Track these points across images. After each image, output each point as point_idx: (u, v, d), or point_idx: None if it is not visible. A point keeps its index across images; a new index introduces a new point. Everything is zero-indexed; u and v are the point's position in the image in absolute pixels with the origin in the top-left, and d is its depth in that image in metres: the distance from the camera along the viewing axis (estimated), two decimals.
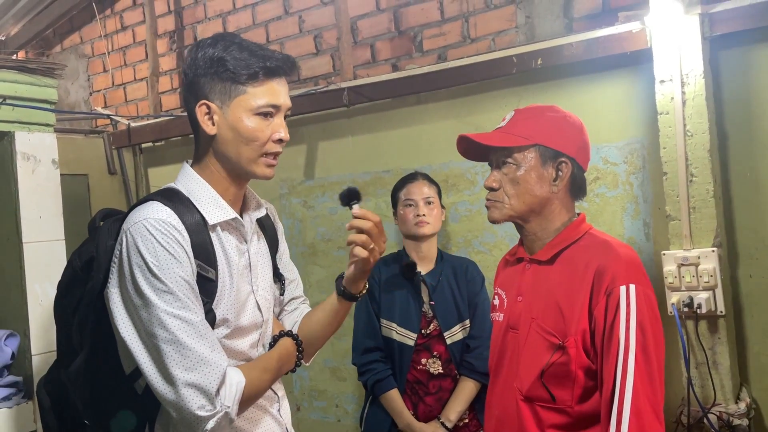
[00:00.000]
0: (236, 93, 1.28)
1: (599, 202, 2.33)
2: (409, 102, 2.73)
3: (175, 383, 1.17)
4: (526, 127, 1.49)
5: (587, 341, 1.37)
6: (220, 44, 1.29)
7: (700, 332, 2.04)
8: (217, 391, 1.18)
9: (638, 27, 2.15)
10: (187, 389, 1.16)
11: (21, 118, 2.41)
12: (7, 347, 2.36)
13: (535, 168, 1.46)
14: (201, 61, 1.29)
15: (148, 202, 1.27)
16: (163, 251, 1.20)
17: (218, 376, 1.18)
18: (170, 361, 1.17)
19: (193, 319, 1.19)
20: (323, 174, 2.98)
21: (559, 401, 1.39)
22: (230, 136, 1.29)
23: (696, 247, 2.04)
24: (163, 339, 1.17)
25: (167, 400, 1.18)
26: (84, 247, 1.36)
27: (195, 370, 1.17)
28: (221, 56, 1.27)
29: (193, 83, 1.30)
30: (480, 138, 1.51)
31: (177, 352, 1.17)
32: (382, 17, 2.99)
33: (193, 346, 1.17)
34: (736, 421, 1.99)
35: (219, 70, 1.27)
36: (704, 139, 2.03)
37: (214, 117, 1.29)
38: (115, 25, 3.99)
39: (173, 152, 3.43)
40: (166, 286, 1.19)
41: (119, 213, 1.38)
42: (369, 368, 2.29)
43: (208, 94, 1.28)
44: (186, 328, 1.18)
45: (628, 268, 1.37)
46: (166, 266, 1.19)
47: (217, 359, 1.19)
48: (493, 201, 1.51)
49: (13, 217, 2.39)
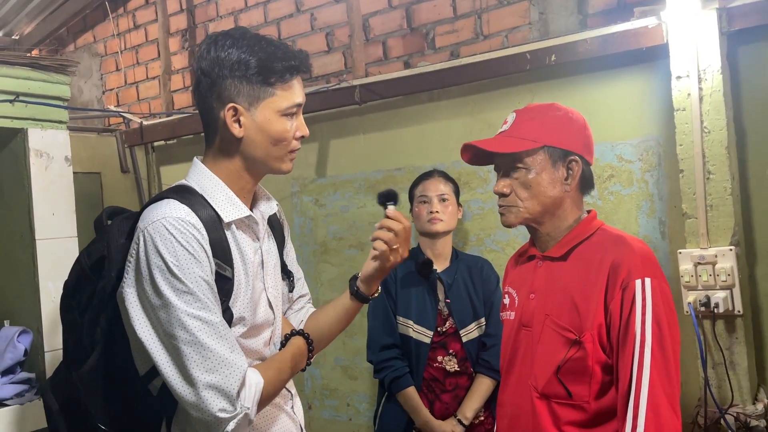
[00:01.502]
0: (265, 95, 1.27)
1: (614, 200, 2.30)
2: (421, 99, 2.71)
3: (195, 385, 1.16)
4: (531, 128, 1.46)
5: (603, 336, 1.36)
6: (242, 43, 1.26)
7: (717, 332, 2.01)
8: (238, 392, 1.17)
9: (654, 22, 2.13)
10: (208, 391, 1.15)
11: (34, 115, 2.42)
12: (20, 344, 2.37)
13: (546, 169, 1.44)
14: (225, 62, 1.26)
15: (163, 200, 1.25)
16: (183, 251, 1.18)
17: (239, 377, 1.18)
18: (191, 363, 1.16)
19: (213, 319, 1.18)
20: (335, 172, 2.98)
21: (575, 397, 1.38)
22: (259, 138, 1.28)
23: (713, 246, 2.02)
24: (183, 340, 1.16)
25: (188, 401, 1.17)
26: (93, 246, 1.34)
27: (216, 371, 1.16)
28: (247, 59, 1.25)
29: (217, 84, 1.27)
30: (486, 145, 1.48)
31: (197, 353, 1.16)
32: (394, 14, 2.98)
33: (213, 347, 1.16)
34: (753, 422, 1.96)
35: (247, 73, 1.25)
36: (722, 135, 2.00)
37: (241, 119, 1.27)
38: (128, 23, 4.01)
39: (185, 150, 3.44)
40: (186, 287, 1.17)
41: (126, 211, 1.36)
42: (387, 365, 2.28)
43: (235, 96, 1.26)
44: (206, 329, 1.17)
45: (643, 262, 1.36)
46: (186, 266, 1.18)
47: (237, 360, 1.19)
48: (506, 206, 1.49)
49: (26, 214, 2.40)
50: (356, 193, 2.91)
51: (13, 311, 2.49)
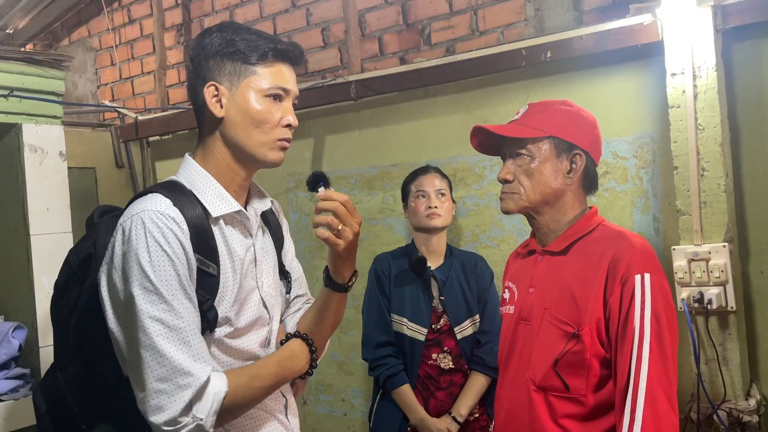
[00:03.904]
0: (246, 73, 1.24)
1: (608, 196, 2.31)
2: (417, 95, 2.71)
3: (145, 391, 1.12)
4: (540, 119, 1.49)
5: (602, 330, 1.37)
6: (229, 28, 1.27)
7: (711, 328, 2.02)
8: (190, 403, 1.12)
9: (650, 19, 2.13)
10: (156, 399, 1.11)
11: (28, 110, 2.41)
12: (14, 339, 2.36)
13: (550, 159, 1.46)
14: (209, 45, 1.26)
15: (148, 194, 1.22)
16: (157, 247, 1.14)
17: (193, 388, 1.12)
18: (145, 368, 1.12)
19: (177, 324, 1.13)
20: (330, 168, 2.97)
21: (573, 390, 1.39)
22: (239, 119, 1.25)
23: (707, 242, 2.02)
24: (141, 343, 1.12)
25: (139, 406, 1.14)
26: (81, 244, 1.31)
27: (168, 380, 1.11)
28: (231, 38, 1.24)
29: (201, 66, 1.26)
30: (495, 129, 1.51)
31: (153, 359, 1.11)
32: (390, 10, 2.98)
33: (170, 354, 1.11)
34: (746, 417, 1.97)
35: (229, 50, 1.24)
36: (716, 132, 2.01)
37: (223, 99, 1.25)
38: (123, 18, 3.99)
39: (181, 146, 3.43)
40: (154, 286, 1.13)
41: (118, 209, 1.33)
42: (381, 363, 2.28)
43: (216, 75, 1.25)
44: (166, 334, 1.12)
45: (643, 257, 1.37)
46: (158, 263, 1.13)
47: (195, 369, 1.13)
48: (508, 193, 1.51)
49: (20, 209, 2.39)
50: (352, 188, 2.91)
51: (8, 307, 2.48)
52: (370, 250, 2.72)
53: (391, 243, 2.73)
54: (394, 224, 2.81)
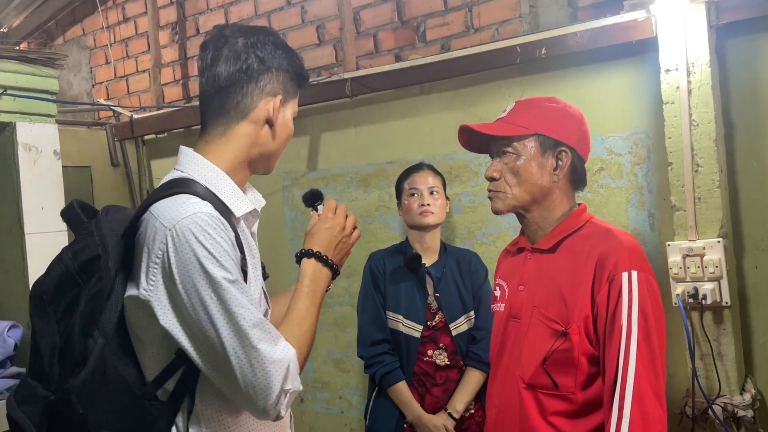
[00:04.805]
0: (295, 95, 1.35)
1: (603, 192, 2.31)
2: (412, 93, 2.71)
3: (239, 385, 1.13)
4: (526, 117, 1.49)
5: (590, 328, 1.37)
6: (283, 44, 1.32)
7: (705, 323, 2.02)
8: (282, 383, 1.15)
9: (644, 16, 2.13)
10: (253, 390, 1.13)
11: (22, 108, 2.41)
12: (9, 338, 2.36)
13: (535, 157, 1.47)
14: (281, 56, 1.29)
15: (176, 196, 1.17)
16: (220, 247, 1.13)
17: (283, 370, 1.15)
18: (238, 365, 1.12)
19: (256, 316, 1.15)
20: (326, 165, 2.97)
21: (561, 388, 1.39)
22: (282, 134, 1.33)
23: (701, 238, 2.03)
24: (229, 342, 1.12)
25: (237, 400, 1.16)
26: (79, 245, 1.23)
27: (260, 370, 1.13)
28: (297, 62, 1.32)
29: (270, 72, 1.28)
30: (480, 128, 1.52)
31: (245, 355, 1.13)
32: (385, 7, 2.97)
33: (259, 346, 1.13)
34: (741, 412, 1.98)
35: (295, 72, 1.32)
36: (710, 128, 2.02)
37: (278, 113, 1.31)
38: (117, 16, 3.98)
39: (176, 144, 3.36)
40: (230, 284, 1.13)
41: (93, 208, 1.30)
42: (377, 360, 2.28)
43: (280, 90, 1.30)
44: (252, 329, 1.13)
45: (630, 254, 1.38)
46: (226, 263, 1.13)
47: (278, 353, 1.16)
48: (495, 192, 1.52)
49: (15, 208, 2.39)
50: (347, 186, 2.91)
51: (3, 306, 2.49)
52: (366, 248, 2.71)
53: (387, 240, 2.73)
54: (389, 222, 2.81)
